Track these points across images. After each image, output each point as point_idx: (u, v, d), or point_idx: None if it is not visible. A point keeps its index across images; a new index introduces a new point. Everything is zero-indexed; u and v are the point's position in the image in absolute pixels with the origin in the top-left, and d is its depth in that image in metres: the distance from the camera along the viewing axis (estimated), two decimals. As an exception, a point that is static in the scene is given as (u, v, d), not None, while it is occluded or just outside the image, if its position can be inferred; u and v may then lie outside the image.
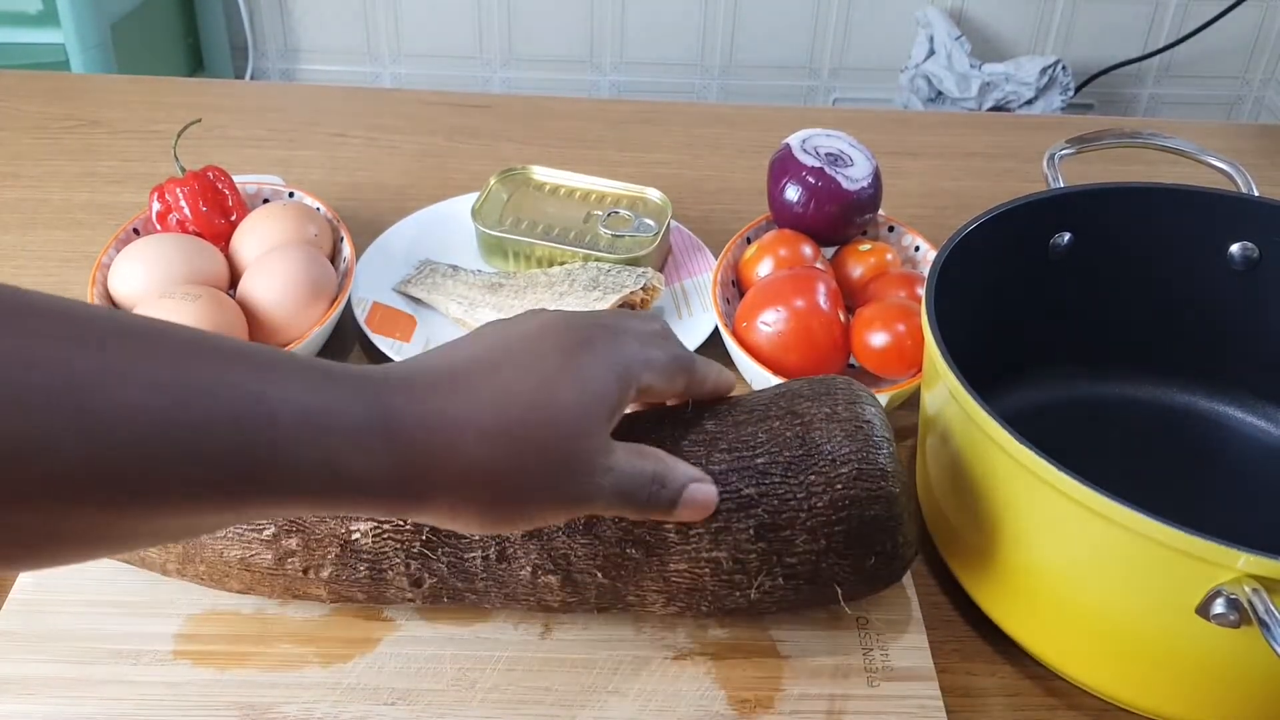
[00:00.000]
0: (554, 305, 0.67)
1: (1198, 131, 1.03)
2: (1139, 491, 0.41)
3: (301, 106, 0.97)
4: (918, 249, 0.73)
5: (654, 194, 0.77)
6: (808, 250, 0.68)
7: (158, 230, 0.70)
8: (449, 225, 0.78)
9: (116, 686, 0.47)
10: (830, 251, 0.72)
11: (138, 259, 0.65)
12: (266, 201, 0.74)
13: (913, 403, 0.64)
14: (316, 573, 0.47)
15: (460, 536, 0.46)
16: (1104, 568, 0.44)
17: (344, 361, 0.44)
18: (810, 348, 0.62)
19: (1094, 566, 0.44)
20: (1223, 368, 0.62)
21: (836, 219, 0.69)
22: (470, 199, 0.78)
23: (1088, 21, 2.02)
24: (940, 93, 1.91)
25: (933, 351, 0.49)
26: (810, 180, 0.69)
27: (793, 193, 0.69)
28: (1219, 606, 0.40)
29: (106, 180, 0.85)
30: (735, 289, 0.71)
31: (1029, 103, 1.88)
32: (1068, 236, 0.60)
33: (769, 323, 0.63)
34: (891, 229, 0.74)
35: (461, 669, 0.48)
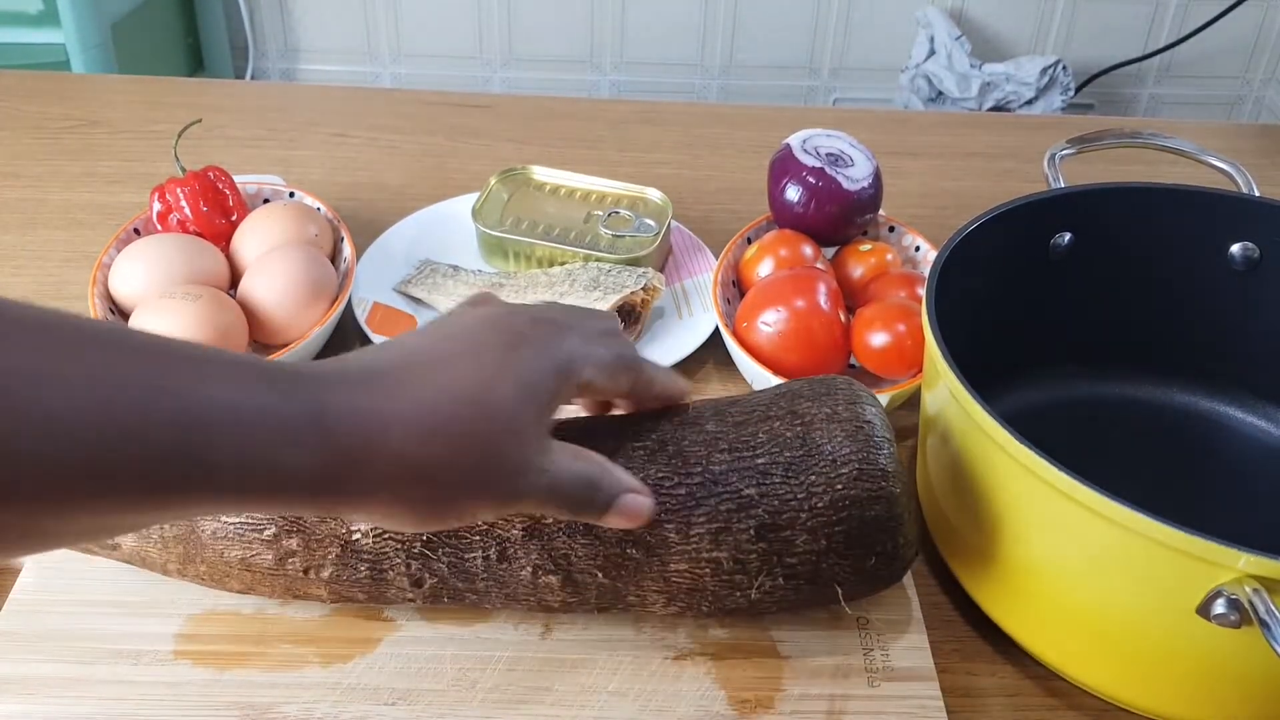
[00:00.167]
0: (554, 305, 0.67)
1: (1198, 131, 1.04)
2: (1139, 491, 0.41)
3: (301, 106, 0.97)
4: (918, 249, 0.73)
5: (654, 194, 0.77)
6: (808, 250, 0.68)
7: (158, 230, 0.70)
8: (449, 225, 0.78)
9: (116, 686, 0.47)
10: (830, 251, 0.72)
11: (138, 259, 0.65)
12: (266, 201, 0.74)
13: (913, 403, 0.64)
14: (317, 573, 0.47)
15: (461, 537, 0.46)
16: (1104, 568, 0.44)
17: None
18: (810, 348, 0.62)
19: (1094, 566, 0.45)
20: (1223, 368, 0.62)
21: (837, 219, 0.69)
22: (470, 199, 0.78)
23: (1088, 21, 2.02)
24: (940, 93, 1.91)
25: (933, 351, 0.49)
26: (810, 180, 0.69)
27: (793, 193, 0.69)
28: (1219, 607, 0.40)
29: (106, 180, 0.85)
30: (736, 289, 0.71)
31: (1029, 103, 1.88)
32: (1068, 236, 0.60)
33: (769, 323, 0.63)
34: (892, 229, 0.74)
35: (461, 669, 0.48)
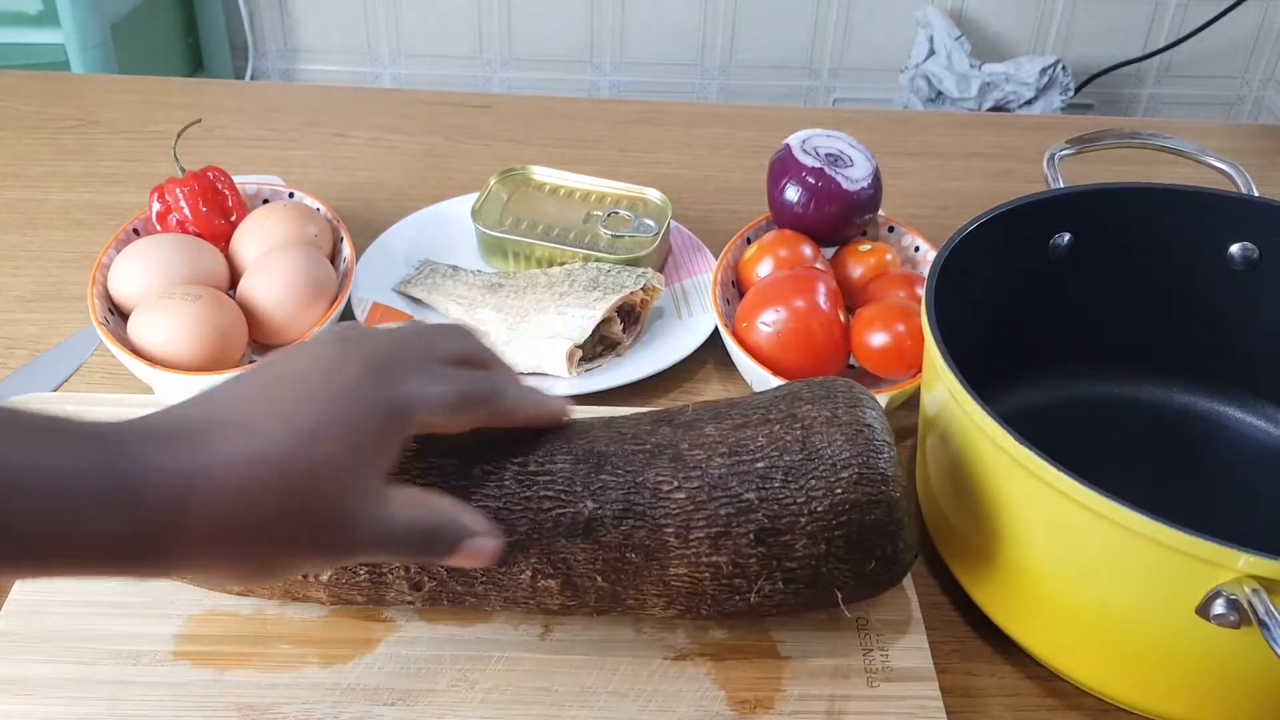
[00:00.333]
0: (554, 306, 0.67)
1: (1198, 131, 1.03)
2: (1139, 491, 0.41)
3: (301, 106, 0.97)
4: (918, 249, 0.73)
5: (654, 194, 0.77)
6: (808, 250, 0.68)
7: (158, 230, 0.70)
8: (449, 225, 0.78)
9: (116, 687, 0.47)
10: (830, 251, 0.72)
11: (138, 259, 0.65)
12: (266, 201, 0.74)
13: (913, 403, 0.64)
14: (316, 576, 0.47)
15: (460, 537, 0.46)
16: (1104, 568, 0.44)
17: None
18: (810, 348, 0.62)
19: (1094, 567, 0.44)
20: (1223, 368, 0.62)
21: (836, 219, 0.69)
22: (470, 199, 0.78)
23: (1088, 21, 2.02)
24: (940, 93, 1.91)
25: (933, 351, 0.49)
26: (810, 180, 0.69)
27: (793, 193, 0.69)
28: (1219, 607, 0.40)
29: (106, 180, 0.85)
30: (735, 289, 0.71)
31: (1029, 103, 1.88)
32: (1068, 236, 0.60)
33: (769, 323, 0.63)
34: (891, 229, 0.74)
35: (461, 669, 0.48)
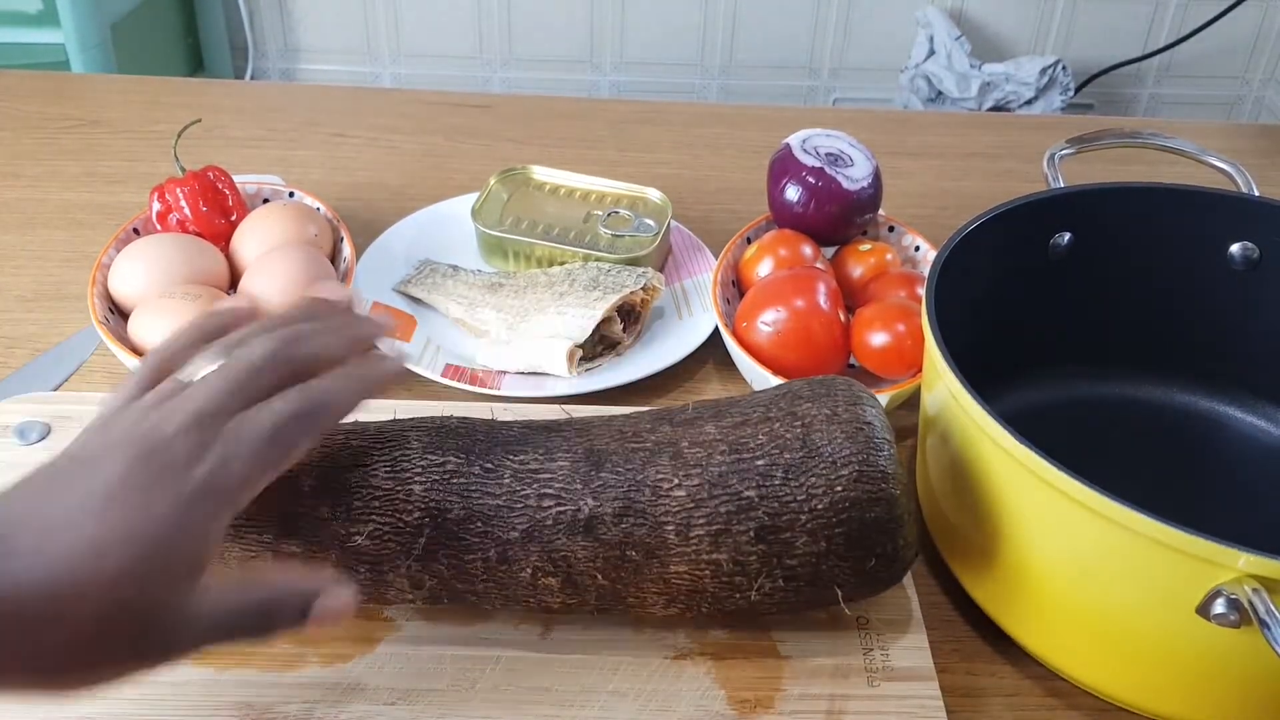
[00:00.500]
0: (554, 305, 0.67)
1: (1198, 131, 1.03)
2: (1139, 491, 0.41)
3: (301, 106, 0.97)
4: (918, 249, 0.73)
5: (654, 194, 0.77)
6: (808, 250, 0.68)
7: (158, 230, 0.70)
8: (449, 225, 0.78)
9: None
10: (830, 251, 0.72)
11: (138, 259, 0.65)
12: (266, 201, 0.74)
13: (913, 403, 0.64)
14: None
15: (460, 539, 0.46)
16: (1104, 568, 0.44)
17: None
18: (810, 348, 0.62)
19: (1094, 566, 0.44)
20: (1223, 368, 0.62)
21: (836, 219, 0.69)
22: (470, 199, 0.78)
23: (1088, 21, 2.02)
24: (940, 93, 1.91)
25: (933, 351, 0.49)
26: (810, 180, 0.69)
27: (793, 193, 0.69)
28: (1219, 606, 0.40)
29: (106, 180, 0.85)
30: (735, 289, 0.71)
31: (1029, 103, 1.88)
32: (1068, 236, 0.60)
33: (769, 323, 0.63)
34: (891, 229, 0.74)
35: (461, 669, 0.48)
